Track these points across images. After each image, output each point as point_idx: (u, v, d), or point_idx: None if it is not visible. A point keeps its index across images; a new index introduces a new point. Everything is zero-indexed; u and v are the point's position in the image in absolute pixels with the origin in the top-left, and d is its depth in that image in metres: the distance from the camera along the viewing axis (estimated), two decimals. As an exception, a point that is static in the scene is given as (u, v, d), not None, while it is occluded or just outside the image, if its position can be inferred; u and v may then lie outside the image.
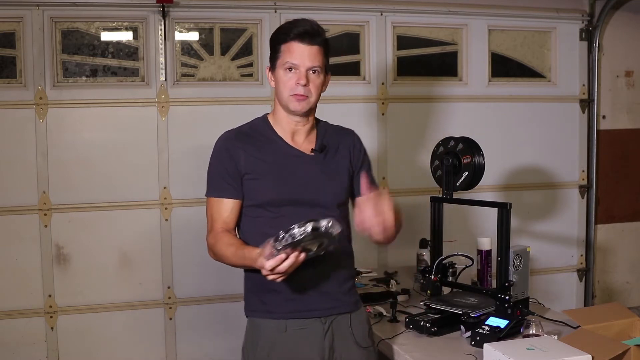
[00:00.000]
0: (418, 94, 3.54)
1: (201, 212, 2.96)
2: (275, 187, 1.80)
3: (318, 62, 1.78)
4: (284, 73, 1.79)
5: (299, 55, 1.77)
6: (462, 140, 2.44)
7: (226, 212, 1.83)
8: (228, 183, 1.82)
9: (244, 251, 1.71)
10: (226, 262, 1.79)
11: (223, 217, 1.83)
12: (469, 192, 2.49)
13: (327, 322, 1.82)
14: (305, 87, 1.78)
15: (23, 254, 3.06)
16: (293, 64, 1.77)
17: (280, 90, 1.81)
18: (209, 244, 1.83)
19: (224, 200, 1.83)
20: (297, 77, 1.77)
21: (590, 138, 3.82)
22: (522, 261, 2.29)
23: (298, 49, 1.76)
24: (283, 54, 1.79)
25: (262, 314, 1.82)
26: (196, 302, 3.25)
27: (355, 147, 1.95)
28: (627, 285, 3.97)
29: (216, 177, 1.85)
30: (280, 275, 1.57)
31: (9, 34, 3.04)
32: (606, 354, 1.69)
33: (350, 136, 1.97)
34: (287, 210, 1.78)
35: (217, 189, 1.84)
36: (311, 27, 1.78)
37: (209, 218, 1.86)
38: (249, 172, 1.81)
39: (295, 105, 1.80)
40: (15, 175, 3.05)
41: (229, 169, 1.82)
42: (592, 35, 3.75)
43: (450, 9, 3.52)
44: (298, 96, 1.79)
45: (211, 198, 1.86)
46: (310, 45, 1.77)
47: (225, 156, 1.83)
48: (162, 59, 3.15)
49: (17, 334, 3.07)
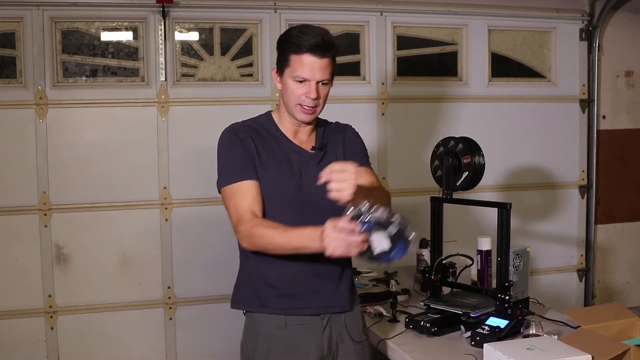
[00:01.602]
0: (418, 94, 3.54)
1: (201, 212, 2.95)
2: (276, 182, 1.80)
3: (328, 74, 1.78)
4: (293, 83, 1.77)
5: (310, 69, 1.74)
6: (462, 140, 2.44)
7: (251, 195, 1.75)
8: (247, 165, 1.77)
9: (300, 229, 1.62)
10: (269, 245, 1.70)
11: (249, 202, 1.74)
12: (469, 192, 2.49)
13: (325, 318, 1.84)
14: (314, 100, 1.78)
15: (23, 254, 3.06)
16: (304, 78, 1.75)
17: (288, 98, 1.80)
18: (241, 232, 1.73)
19: (245, 183, 1.76)
20: (307, 90, 1.76)
21: (590, 138, 3.82)
22: (522, 261, 2.29)
23: (309, 61, 1.74)
24: (294, 65, 1.76)
25: (258, 309, 1.82)
26: (196, 302, 3.25)
27: (347, 138, 1.95)
28: (627, 285, 3.97)
29: (231, 163, 1.79)
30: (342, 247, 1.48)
31: (9, 34, 3.04)
32: (606, 354, 1.69)
33: (345, 130, 1.98)
34: (287, 207, 1.78)
35: (236, 174, 1.77)
36: (322, 40, 1.74)
37: (232, 209, 1.76)
38: (256, 162, 1.80)
39: (302, 116, 1.80)
40: (15, 175, 3.05)
41: (243, 152, 1.79)
42: (592, 35, 3.75)
43: (450, 9, 3.52)
44: (306, 108, 1.78)
45: (230, 186, 1.77)
46: (322, 58, 1.75)
47: (237, 142, 1.80)
48: (162, 59, 3.15)
49: (17, 334, 3.07)
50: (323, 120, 1.97)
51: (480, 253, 2.57)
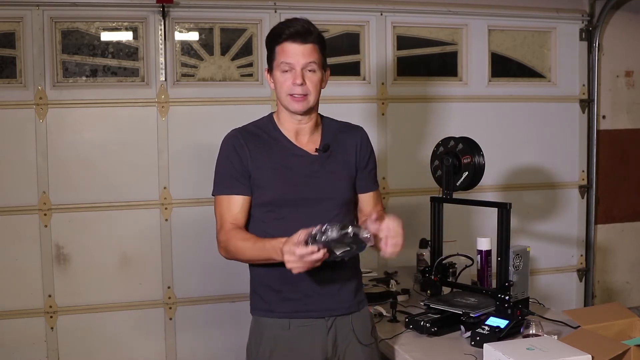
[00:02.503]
0: (418, 94, 3.54)
1: (201, 212, 2.95)
2: (279, 187, 1.80)
3: (313, 58, 1.78)
4: (280, 74, 1.79)
5: (293, 54, 1.76)
6: (462, 140, 2.44)
7: (236, 209, 1.81)
8: (237, 180, 1.81)
9: (264, 242, 1.69)
10: (241, 257, 1.77)
11: (233, 214, 1.80)
12: (469, 192, 2.49)
13: (329, 321, 1.83)
14: (302, 86, 1.77)
15: (23, 254, 3.06)
16: (288, 64, 1.77)
17: (279, 91, 1.82)
18: (220, 241, 1.81)
19: (234, 197, 1.81)
20: (293, 77, 1.77)
21: (590, 138, 3.82)
22: (522, 261, 2.30)
23: (291, 48, 1.76)
24: (278, 55, 1.79)
25: (264, 313, 1.83)
26: (196, 302, 3.25)
27: (362, 146, 1.93)
28: (627, 285, 3.97)
29: (225, 174, 1.83)
30: (302, 267, 1.55)
31: (9, 34, 3.04)
32: (606, 354, 1.69)
33: (358, 134, 1.95)
34: (291, 210, 1.78)
35: (227, 187, 1.82)
36: (302, 27, 1.77)
37: (218, 217, 1.84)
38: (255, 170, 1.80)
39: (294, 105, 1.80)
40: (15, 175, 3.05)
41: (237, 166, 1.81)
42: (592, 35, 3.75)
43: (450, 9, 3.51)
44: (296, 96, 1.79)
45: (220, 196, 1.83)
46: (304, 44, 1.76)
47: (233, 154, 1.82)
48: (162, 59, 3.15)
49: (17, 334, 3.07)
50: (329, 118, 1.95)
51: (480, 253, 2.57)
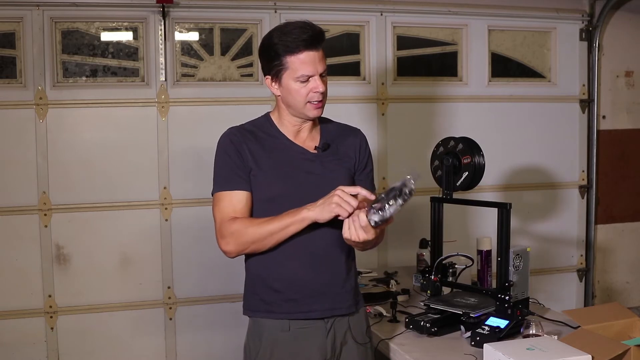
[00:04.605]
0: (418, 94, 3.54)
1: (201, 212, 2.94)
2: (278, 184, 1.79)
3: (325, 64, 1.78)
4: (297, 84, 1.75)
5: (312, 64, 1.73)
6: (462, 140, 2.44)
7: (239, 203, 1.78)
8: (238, 175, 1.78)
9: (287, 214, 1.70)
10: (259, 239, 1.73)
11: (237, 209, 1.77)
12: (469, 192, 2.49)
13: (329, 322, 1.83)
14: (322, 93, 1.78)
15: (23, 254, 3.06)
16: (309, 75, 1.74)
17: (295, 99, 1.78)
18: (225, 235, 1.75)
19: (236, 192, 1.78)
20: (314, 86, 1.75)
21: (590, 138, 3.82)
22: (522, 261, 2.29)
23: (309, 58, 1.73)
24: (293, 66, 1.74)
25: (264, 314, 1.82)
26: (196, 302, 3.25)
27: (361, 149, 1.94)
28: (627, 285, 3.97)
29: (225, 171, 1.80)
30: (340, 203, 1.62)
31: (9, 34, 3.04)
32: (606, 354, 1.69)
33: (357, 136, 1.96)
34: (290, 207, 1.76)
35: (228, 182, 1.79)
36: (313, 32, 1.74)
37: (216, 213, 1.79)
38: (253, 168, 1.80)
39: (314, 112, 1.80)
40: (15, 175, 3.05)
41: (237, 161, 1.79)
42: (592, 35, 3.75)
43: (450, 9, 3.51)
44: (316, 103, 1.78)
45: (221, 193, 1.79)
46: (317, 50, 1.74)
47: (232, 150, 1.80)
48: (162, 59, 3.15)
49: (17, 334, 3.07)
50: (325, 118, 1.95)
51: (480, 253, 2.57)
